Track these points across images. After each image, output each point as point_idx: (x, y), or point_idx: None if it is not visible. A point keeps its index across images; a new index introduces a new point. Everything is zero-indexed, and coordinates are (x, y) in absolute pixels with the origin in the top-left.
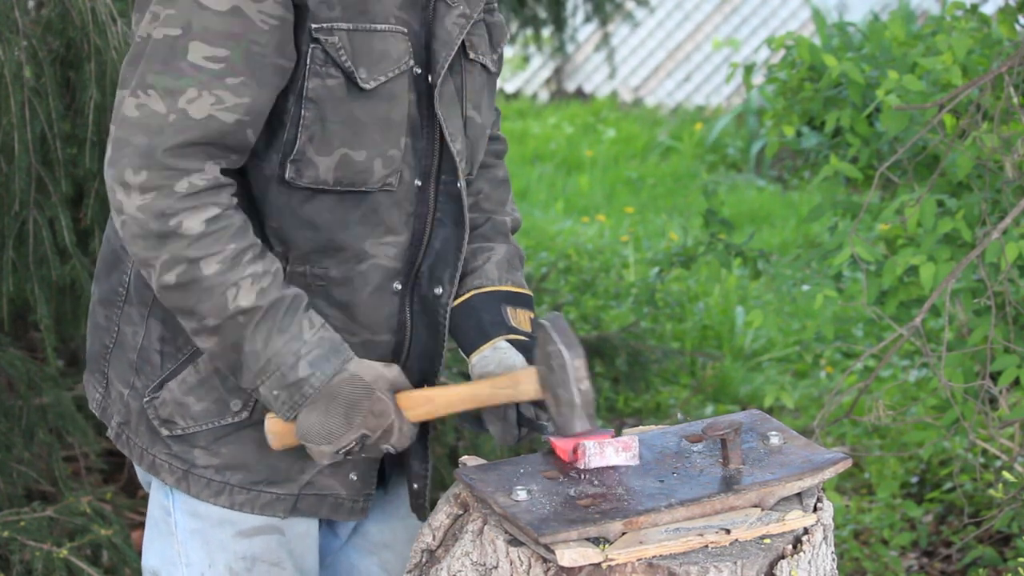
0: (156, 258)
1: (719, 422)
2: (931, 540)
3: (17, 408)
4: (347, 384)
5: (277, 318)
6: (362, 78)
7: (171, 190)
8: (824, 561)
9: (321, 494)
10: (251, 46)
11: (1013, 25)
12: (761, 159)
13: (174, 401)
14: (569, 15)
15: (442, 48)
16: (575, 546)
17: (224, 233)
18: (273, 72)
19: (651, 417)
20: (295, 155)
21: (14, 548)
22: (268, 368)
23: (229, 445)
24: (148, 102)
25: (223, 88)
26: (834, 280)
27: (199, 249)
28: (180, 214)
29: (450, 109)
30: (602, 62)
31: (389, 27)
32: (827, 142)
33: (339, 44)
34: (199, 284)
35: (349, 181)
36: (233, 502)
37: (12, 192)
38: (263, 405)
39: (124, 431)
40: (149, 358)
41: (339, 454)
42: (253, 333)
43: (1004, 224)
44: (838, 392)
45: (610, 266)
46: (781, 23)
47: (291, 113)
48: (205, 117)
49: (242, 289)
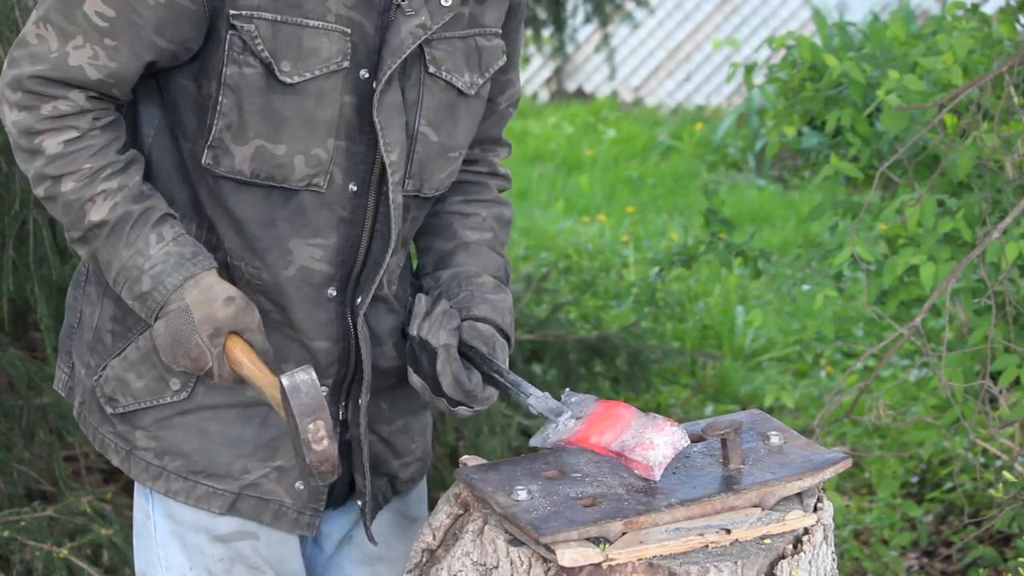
0: (27, 171)
1: (719, 422)
2: (931, 540)
3: (17, 408)
4: (177, 316)
5: (124, 231)
6: (284, 71)
7: (37, 111)
8: (824, 561)
9: (264, 499)
10: (133, 16)
11: (1014, 25)
12: (761, 159)
13: (115, 378)
14: (569, 15)
15: (389, 55)
16: (575, 546)
17: (82, 154)
18: (146, 47)
19: None
20: (212, 141)
21: (14, 548)
22: (119, 280)
23: (169, 430)
24: (46, 35)
25: (100, 46)
26: (834, 280)
27: (57, 168)
28: (42, 134)
29: (391, 119)
30: (602, 62)
31: (324, 25)
32: (828, 142)
33: (256, 33)
34: (60, 199)
35: (267, 175)
36: (168, 489)
37: (12, 192)
38: (205, 387)
39: (83, 411)
40: (102, 338)
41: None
42: (104, 245)
43: (1004, 224)
44: (838, 392)
45: (610, 266)
46: (781, 23)
47: (212, 99)
48: (76, 66)
49: (96, 204)
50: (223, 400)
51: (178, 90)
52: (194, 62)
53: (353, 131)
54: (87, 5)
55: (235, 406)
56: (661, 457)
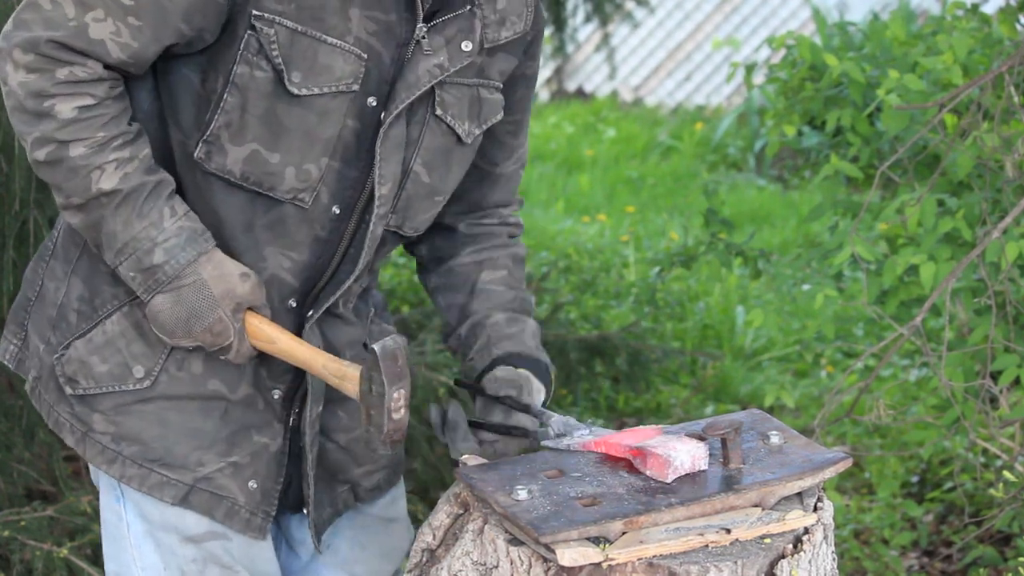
0: (29, 133)
1: (719, 421)
2: (931, 540)
3: (17, 408)
4: (193, 291)
5: (137, 203)
6: (293, 81)
7: (52, 74)
8: (824, 561)
9: (218, 494)
10: (162, 0)
11: (1014, 24)
12: (762, 158)
13: (78, 359)
14: (569, 15)
15: (404, 89)
16: (575, 545)
17: (95, 121)
18: (171, 33)
19: (651, 417)
20: (209, 136)
21: (14, 548)
22: (125, 251)
23: (129, 416)
24: (63, 2)
25: (124, 24)
26: (834, 279)
27: (68, 133)
28: (55, 98)
29: (392, 153)
30: (602, 62)
31: (343, 44)
32: (828, 141)
33: (274, 38)
34: (65, 163)
35: (256, 180)
36: (123, 475)
37: (12, 192)
38: (168, 377)
39: (37, 386)
40: (66, 316)
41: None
42: (113, 215)
43: (1004, 223)
44: (838, 391)
45: (610, 266)
46: (781, 23)
47: (217, 94)
48: (99, 40)
49: (106, 172)
50: (186, 391)
51: (180, 79)
52: (202, 54)
53: (349, 155)
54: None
55: (196, 398)
56: (679, 462)
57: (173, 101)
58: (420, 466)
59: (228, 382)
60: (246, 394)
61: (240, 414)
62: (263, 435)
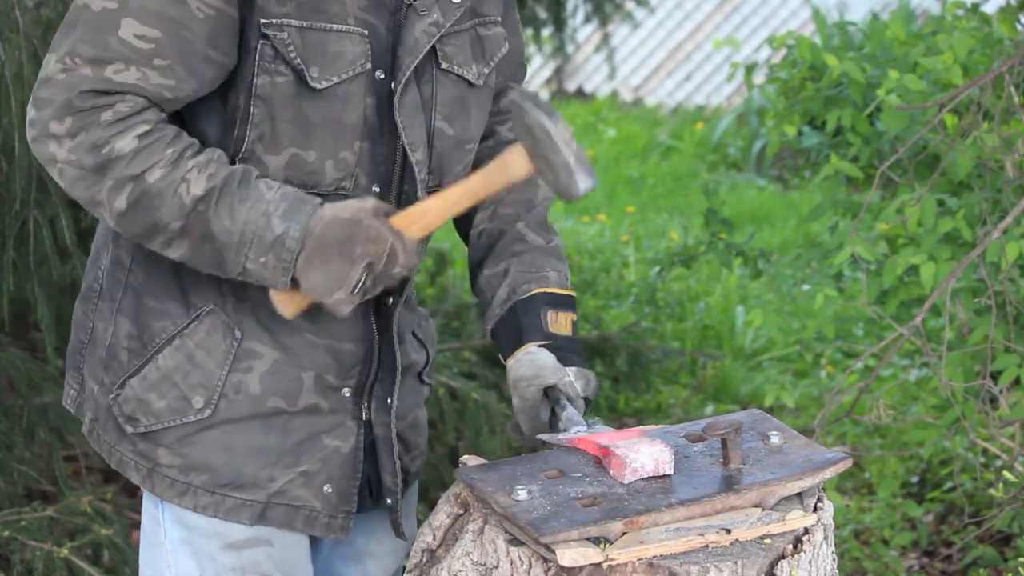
0: (101, 191)
1: (719, 421)
2: (931, 540)
3: (17, 408)
4: (330, 227)
5: (233, 191)
6: (313, 77)
7: (97, 122)
8: (824, 561)
9: (293, 505)
10: (182, 32)
11: (1014, 24)
12: (762, 158)
13: (136, 398)
14: (569, 15)
15: (407, 55)
16: (575, 546)
17: (159, 143)
18: (202, 62)
19: (651, 417)
20: (244, 153)
21: (14, 548)
22: (245, 238)
23: (194, 446)
24: (75, 68)
25: (150, 67)
26: (834, 279)
27: (139, 164)
28: (111, 140)
29: (412, 118)
30: (602, 62)
31: (346, 28)
32: (828, 141)
33: (288, 41)
34: (149, 194)
35: (300, 182)
36: (196, 504)
37: (12, 192)
38: (227, 402)
39: (95, 427)
40: (117, 355)
41: (355, 294)
42: (216, 214)
43: (1005, 223)
44: (838, 392)
45: (610, 266)
46: (781, 23)
47: (241, 110)
48: (131, 84)
49: (191, 181)
50: (247, 412)
51: (199, 103)
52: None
53: (374, 132)
54: (123, 30)
55: (256, 417)
56: (639, 464)
57: (196, 124)
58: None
59: (287, 396)
60: (308, 403)
61: (303, 423)
62: (334, 438)
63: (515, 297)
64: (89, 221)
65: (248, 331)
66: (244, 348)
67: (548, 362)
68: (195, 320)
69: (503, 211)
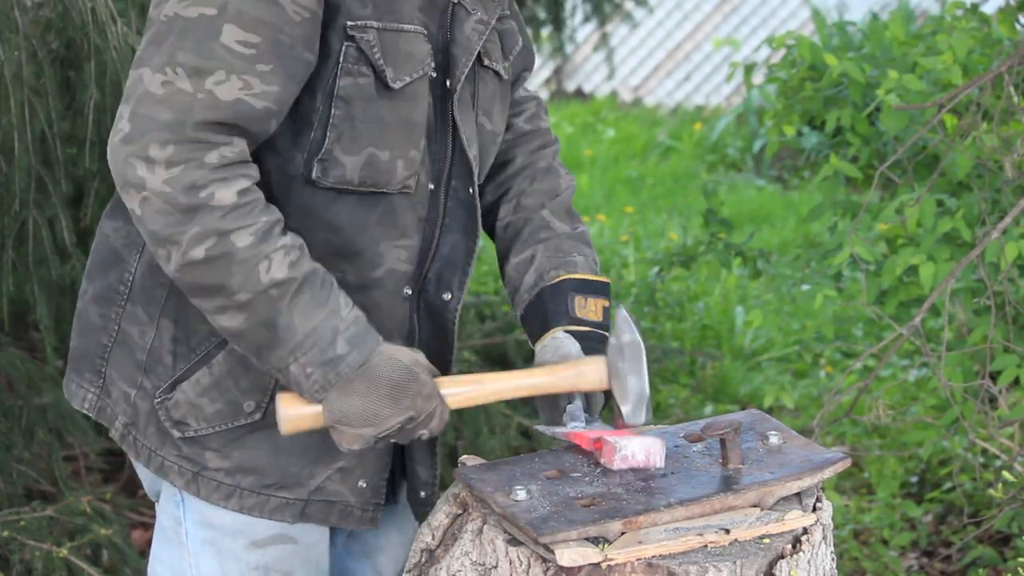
0: (183, 233)
1: (718, 422)
2: (931, 540)
3: (17, 408)
4: (388, 366)
5: (315, 290)
6: (390, 77)
7: (201, 162)
8: (823, 561)
9: (330, 501)
10: (280, 36)
11: (1013, 24)
12: (761, 159)
13: (187, 403)
14: (568, 15)
15: (462, 53)
16: (574, 546)
17: (256, 205)
18: (298, 64)
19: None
20: (323, 154)
21: (14, 548)
22: (305, 344)
23: (241, 448)
24: (175, 80)
25: (253, 74)
26: (834, 280)
27: (232, 221)
28: (211, 185)
29: (466, 115)
30: (601, 62)
31: (414, 28)
32: (827, 141)
33: (373, 42)
34: (231, 257)
35: (373, 181)
36: (242, 506)
37: (12, 192)
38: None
39: (131, 432)
40: (161, 358)
41: (377, 438)
42: (289, 306)
43: (1004, 224)
44: (838, 392)
45: (610, 266)
46: (781, 23)
47: (319, 112)
48: (233, 100)
49: (274, 262)
50: None
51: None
52: None
53: (433, 131)
54: (224, 36)
55: None
56: (629, 452)
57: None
58: None
59: None
60: None
61: None
62: None
63: (542, 283)
64: (89, 222)
65: None
66: None
67: (572, 351)
68: None
69: (527, 201)
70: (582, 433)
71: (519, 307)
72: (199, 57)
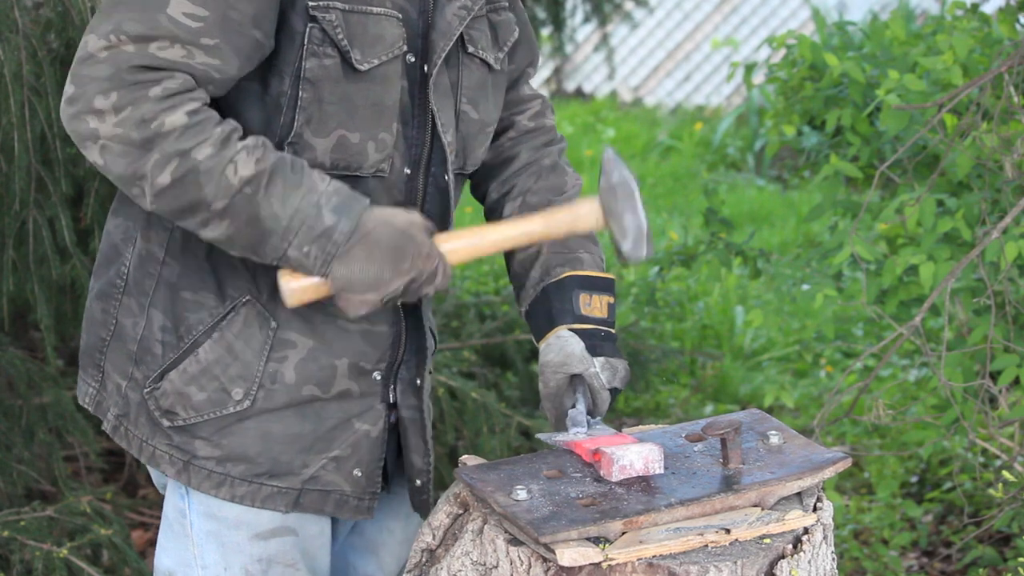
0: (145, 165)
1: (719, 421)
2: (931, 540)
3: (17, 408)
4: (384, 229)
5: (287, 176)
6: (356, 59)
7: (146, 96)
8: (824, 561)
9: (325, 490)
10: (229, 12)
11: (1013, 24)
12: (761, 158)
13: (175, 392)
14: (568, 15)
15: (440, 38)
16: (575, 546)
17: (208, 122)
18: (246, 41)
19: (651, 416)
20: (292, 138)
21: (14, 548)
22: (292, 226)
23: (231, 436)
24: (118, 45)
25: (196, 46)
26: (834, 279)
27: (188, 140)
28: (160, 115)
29: (444, 100)
30: (601, 62)
31: (384, 11)
32: (827, 141)
33: (336, 22)
34: (196, 171)
35: (345, 164)
36: (234, 494)
37: (12, 192)
38: (264, 392)
39: (122, 423)
40: (150, 348)
41: (383, 301)
42: (267, 197)
43: (1004, 223)
44: (838, 391)
45: (610, 265)
46: (781, 23)
47: (288, 95)
48: (173, 60)
49: (239, 163)
50: (283, 401)
51: (239, 91)
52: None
53: (407, 115)
54: (172, 8)
55: (292, 405)
56: (627, 462)
57: (237, 112)
58: None
59: (321, 383)
60: (340, 389)
61: (336, 409)
62: (364, 422)
63: (547, 279)
64: (89, 222)
65: (283, 320)
66: (280, 338)
67: (576, 350)
68: (232, 311)
69: (532, 199)
70: (582, 443)
71: (524, 303)
72: (144, 27)
